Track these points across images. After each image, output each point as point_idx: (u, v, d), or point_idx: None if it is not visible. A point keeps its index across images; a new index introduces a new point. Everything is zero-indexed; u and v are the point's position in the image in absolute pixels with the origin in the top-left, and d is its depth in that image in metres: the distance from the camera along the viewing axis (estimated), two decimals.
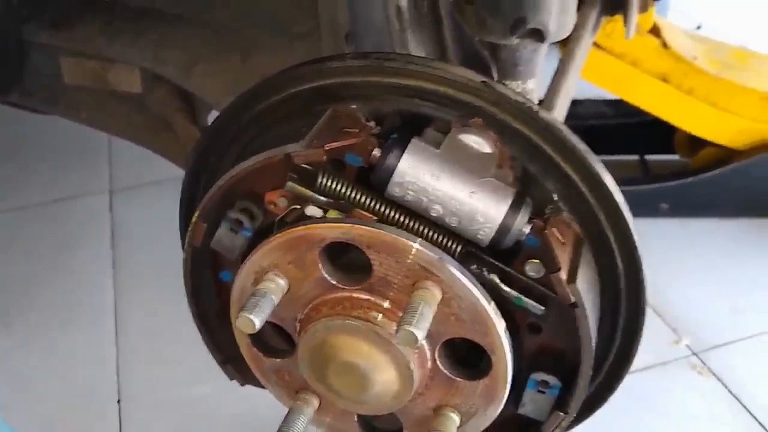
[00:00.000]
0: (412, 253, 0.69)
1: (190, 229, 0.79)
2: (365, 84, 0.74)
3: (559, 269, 0.69)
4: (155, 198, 2.12)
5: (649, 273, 0.76)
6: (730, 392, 1.56)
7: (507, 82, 0.97)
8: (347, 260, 0.76)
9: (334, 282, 0.73)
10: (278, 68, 0.96)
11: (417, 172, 0.70)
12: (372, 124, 0.75)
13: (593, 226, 0.74)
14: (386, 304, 0.72)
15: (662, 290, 1.82)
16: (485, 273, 0.73)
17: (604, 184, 0.72)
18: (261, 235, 0.77)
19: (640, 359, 0.82)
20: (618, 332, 0.79)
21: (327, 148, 0.70)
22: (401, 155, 0.70)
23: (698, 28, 3.00)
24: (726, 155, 1.97)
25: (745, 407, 1.53)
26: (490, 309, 0.70)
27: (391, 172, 0.70)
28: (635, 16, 1.42)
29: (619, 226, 0.74)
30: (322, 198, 0.74)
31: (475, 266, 0.73)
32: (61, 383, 1.58)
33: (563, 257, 0.70)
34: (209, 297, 0.87)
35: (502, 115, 0.72)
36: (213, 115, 1.15)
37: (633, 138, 2.21)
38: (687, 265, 1.92)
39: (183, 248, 0.85)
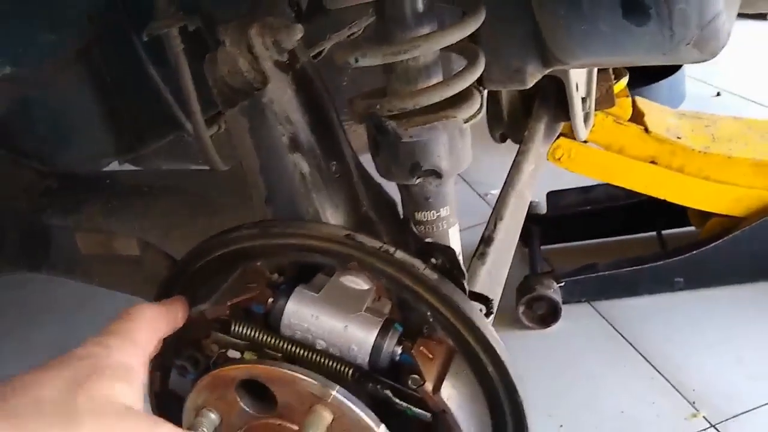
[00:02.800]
0: (299, 384, 0.83)
1: (147, 378, 0.97)
2: (260, 247, 0.91)
3: (423, 383, 0.82)
4: None
5: (667, 347, 0.83)
6: None
7: (422, 213, 1.13)
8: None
9: (252, 412, 0.88)
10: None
11: (300, 315, 0.86)
12: (276, 276, 0.92)
13: (462, 342, 0.87)
14: (294, 427, 0.87)
15: (679, 363, 1.86)
16: (380, 390, 0.87)
17: (458, 306, 0.85)
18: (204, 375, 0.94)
19: None
20: None
21: (229, 304, 0.88)
22: (286, 302, 0.86)
23: (717, 95, 3.06)
24: (732, 223, 2.02)
25: None
26: (371, 421, 0.83)
27: (279, 317, 0.87)
28: (581, 123, 1.55)
29: (480, 339, 0.86)
30: (239, 341, 0.90)
31: (370, 385, 0.87)
32: None
33: (430, 371, 0.84)
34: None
35: (367, 258, 0.87)
36: None
37: (649, 215, 2.27)
38: (706, 335, 1.95)
39: None
